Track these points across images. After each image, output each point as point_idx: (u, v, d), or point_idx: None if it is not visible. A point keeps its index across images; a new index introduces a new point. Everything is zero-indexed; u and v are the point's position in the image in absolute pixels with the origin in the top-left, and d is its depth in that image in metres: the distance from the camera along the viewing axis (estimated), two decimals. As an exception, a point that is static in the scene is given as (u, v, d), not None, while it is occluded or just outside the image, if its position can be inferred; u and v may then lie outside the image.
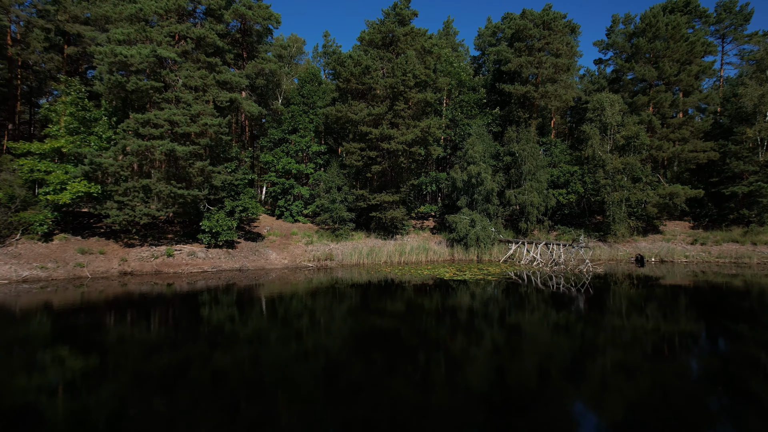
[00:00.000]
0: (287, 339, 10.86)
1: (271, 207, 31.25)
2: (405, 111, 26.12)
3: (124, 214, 20.65)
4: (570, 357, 9.63)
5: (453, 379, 8.11)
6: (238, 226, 26.43)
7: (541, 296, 16.10)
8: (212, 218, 22.90)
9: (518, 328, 11.88)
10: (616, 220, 28.74)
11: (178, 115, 20.97)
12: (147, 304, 14.55)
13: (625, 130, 28.73)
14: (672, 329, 11.65)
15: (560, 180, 30.74)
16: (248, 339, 10.81)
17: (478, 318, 12.87)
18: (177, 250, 22.47)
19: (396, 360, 9.05)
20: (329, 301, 15.46)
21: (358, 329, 11.76)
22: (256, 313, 13.48)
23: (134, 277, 19.86)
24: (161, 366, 8.66)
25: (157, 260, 21.51)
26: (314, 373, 8.19)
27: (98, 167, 19.46)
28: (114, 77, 19.29)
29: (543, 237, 30.40)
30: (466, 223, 27.01)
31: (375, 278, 20.21)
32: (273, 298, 15.93)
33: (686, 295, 16.63)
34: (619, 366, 8.73)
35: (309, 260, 24.42)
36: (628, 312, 13.78)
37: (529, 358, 9.33)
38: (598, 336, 11.17)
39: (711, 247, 27.67)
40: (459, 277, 19.69)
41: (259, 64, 28.29)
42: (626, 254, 28.14)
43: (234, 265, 22.57)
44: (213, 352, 9.59)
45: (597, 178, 29.23)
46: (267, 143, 30.44)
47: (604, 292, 16.97)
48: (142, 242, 22.62)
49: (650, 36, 29.35)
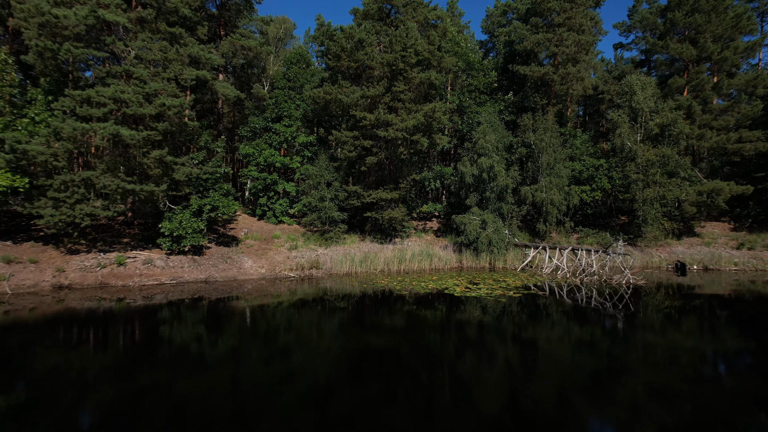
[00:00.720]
0: (250, 379, 7.01)
1: (253, 206, 27.38)
2: (405, 93, 22.25)
3: (60, 214, 16.80)
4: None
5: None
6: (210, 229, 22.62)
7: (594, 326, 12.22)
8: (174, 219, 19.06)
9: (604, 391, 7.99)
10: (648, 220, 24.86)
11: (128, 93, 17.13)
12: (77, 325, 10.69)
13: (660, 117, 24.84)
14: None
15: (583, 175, 26.85)
16: (211, 373, 6.99)
17: (519, 373, 8.97)
18: (130, 258, 18.61)
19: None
20: (289, 342, 11.59)
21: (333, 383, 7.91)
22: (214, 339, 9.64)
23: (72, 291, 16.01)
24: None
25: (104, 270, 17.65)
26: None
27: (23, 155, 15.60)
28: (42, 43, 15.43)
29: (563, 240, 26.53)
30: (477, 224, 23.14)
31: (368, 292, 16.32)
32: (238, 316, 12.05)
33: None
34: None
35: (291, 269, 20.56)
36: (722, 354, 9.89)
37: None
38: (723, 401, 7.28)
39: (762, 253, 23.77)
40: (473, 293, 15.81)
41: (236, 40, 24.44)
42: (662, 261, 24.24)
43: (199, 276, 18.72)
44: (169, 383, 7.51)
45: (627, 173, 25.35)
46: (247, 133, 26.58)
47: (661, 314, 13.09)
48: (90, 248, 18.77)
49: (688, 9, 25.43)
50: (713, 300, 15.65)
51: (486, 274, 20.61)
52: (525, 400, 7.11)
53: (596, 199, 26.61)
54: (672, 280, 20.16)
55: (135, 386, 7.52)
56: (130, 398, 7.03)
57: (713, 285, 18.96)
